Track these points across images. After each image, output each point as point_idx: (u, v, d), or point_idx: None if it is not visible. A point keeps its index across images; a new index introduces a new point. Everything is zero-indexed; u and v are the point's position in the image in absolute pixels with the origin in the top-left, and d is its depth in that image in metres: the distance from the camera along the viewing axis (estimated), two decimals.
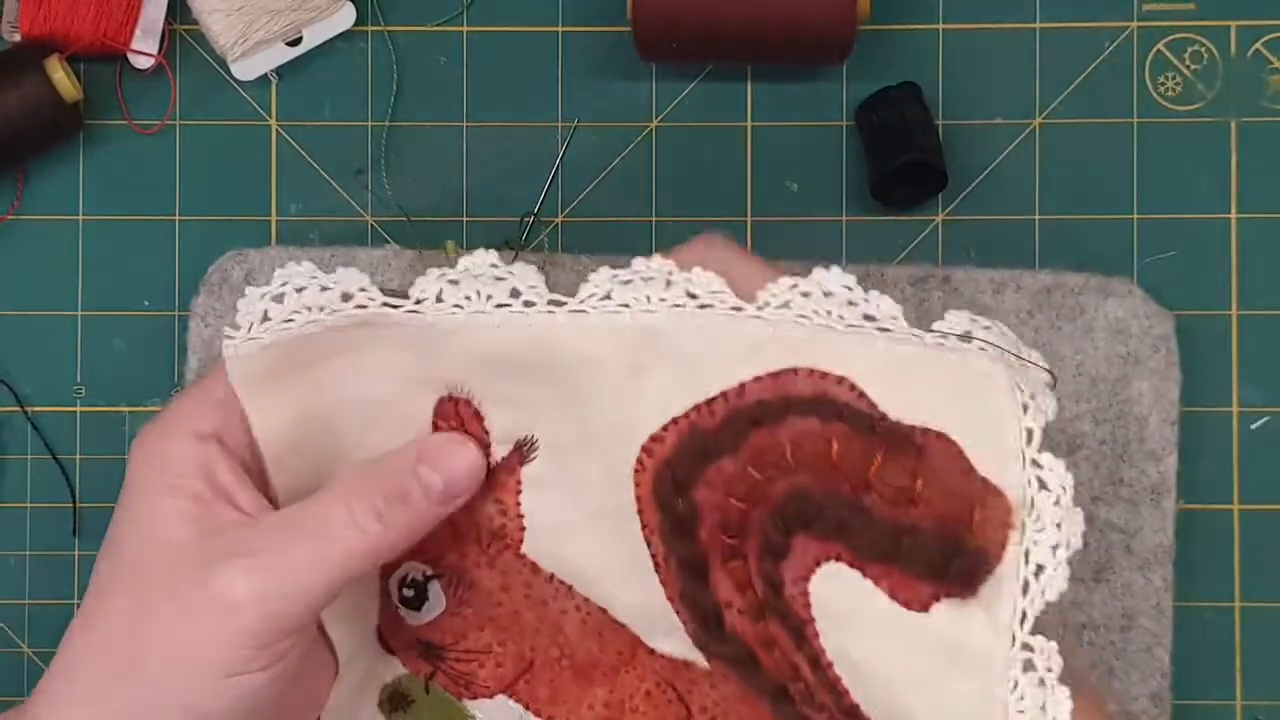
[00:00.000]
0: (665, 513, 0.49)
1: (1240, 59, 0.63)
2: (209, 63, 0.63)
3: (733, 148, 0.63)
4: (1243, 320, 0.62)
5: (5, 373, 0.63)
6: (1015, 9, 0.63)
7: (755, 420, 0.47)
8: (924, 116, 0.61)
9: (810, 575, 0.48)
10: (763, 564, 0.48)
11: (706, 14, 0.59)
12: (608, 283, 0.48)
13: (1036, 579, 0.45)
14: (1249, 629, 0.62)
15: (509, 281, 0.49)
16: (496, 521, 0.52)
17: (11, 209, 0.63)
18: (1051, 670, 0.46)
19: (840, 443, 0.46)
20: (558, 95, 0.63)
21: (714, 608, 0.50)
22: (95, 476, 0.62)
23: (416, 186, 0.63)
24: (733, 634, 0.50)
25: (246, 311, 0.49)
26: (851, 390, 0.47)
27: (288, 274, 0.49)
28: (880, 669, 0.48)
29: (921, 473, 0.46)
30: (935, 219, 0.62)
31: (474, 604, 0.53)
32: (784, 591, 0.48)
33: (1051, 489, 0.46)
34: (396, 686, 0.55)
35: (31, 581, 0.62)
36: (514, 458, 0.51)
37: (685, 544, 0.49)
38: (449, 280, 0.49)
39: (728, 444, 0.48)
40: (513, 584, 0.53)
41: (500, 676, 0.54)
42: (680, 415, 0.48)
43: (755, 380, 0.47)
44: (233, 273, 0.61)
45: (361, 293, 0.49)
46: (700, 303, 0.48)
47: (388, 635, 0.55)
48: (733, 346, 0.47)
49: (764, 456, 0.47)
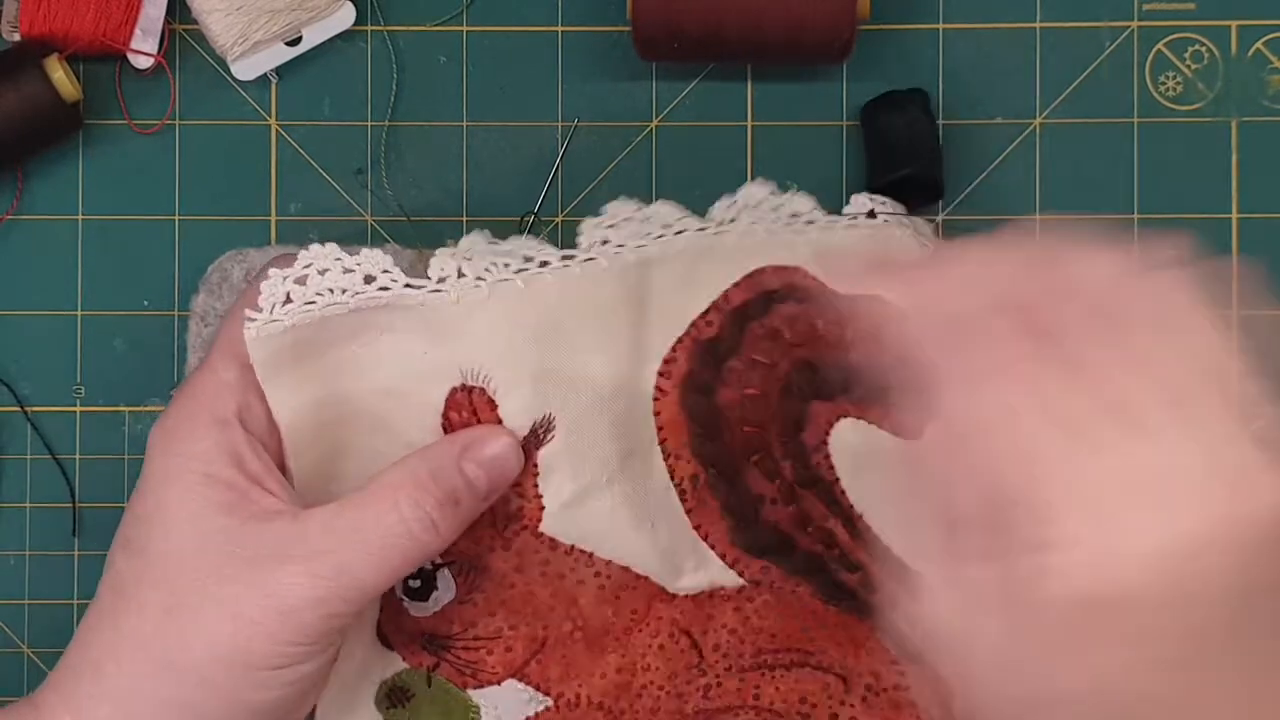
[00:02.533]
0: (694, 423, 0.53)
1: (1240, 59, 0.63)
2: (209, 62, 0.63)
3: (733, 148, 0.63)
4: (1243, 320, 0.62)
5: (5, 373, 0.63)
6: (1015, 9, 0.63)
7: (747, 318, 0.54)
8: (928, 126, 0.61)
9: (827, 437, 0.54)
10: (786, 443, 0.54)
11: (706, 14, 0.59)
12: (601, 230, 0.53)
13: None
14: None
15: (516, 249, 0.52)
16: (514, 504, 0.53)
17: (11, 209, 0.63)
18: None
19: (820, 317, 0.54)
20: (558, 95, 0.63)
21: (750, 505, 0.54)
22: (95, 476, 0.62)
23: (416, 186, 0.63)
24: (768, 525, 0.54)
25: (269, 293, 0.50)
26: (808, 277, 0.54)
27: (311, 255, 0.50)
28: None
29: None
30: (935, 219, 0.62)
31: (485, 589, 0.54)
32: (810, 460, 0.54)
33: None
34: (395, 682, 0.55)
35: (31, 581, 0.62)
36: (529, 442, 0.52)
37: (714, 448, 0.53)
38: (464, 258, 0.51)
39: (731, 345, 0.54)
40: (528, 564, 0.53)
41: (510, 661, 0.54)
42: (683, 334, 0.53)
43: (735, 286, 0.54)
44: (232, 272, 0.61)
45: (385, 274, 0.50)
46: (675, 229, 0.54)
47: (387, 630, 0.55)
48: (711, 261, 0.54)
49: (764, 344, 0.53)
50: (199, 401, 0.50)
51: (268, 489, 0.49)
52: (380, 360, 0.52)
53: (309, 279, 0.50)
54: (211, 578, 0.48)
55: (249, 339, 0.50)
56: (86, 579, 0.62)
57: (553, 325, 0.52)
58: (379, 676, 0.55)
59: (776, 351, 0.54)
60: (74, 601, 0.62)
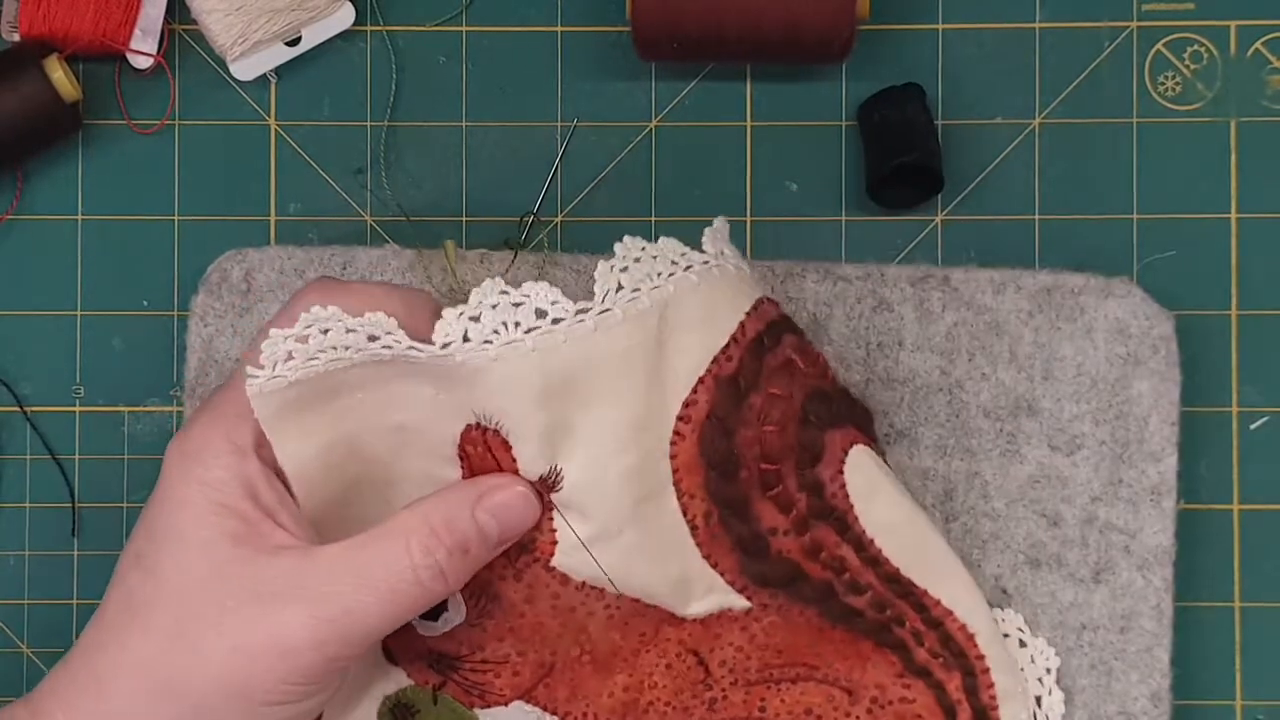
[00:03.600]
0: (710, 468, 0.52)
1: (1240, 59, 0.63)
2: (208, 63, 0.63)
3: (732, 148, 0.63)
4: (1243, 320, 0.62)
5: (4, 373, 0.63)
6: (1015, 9, 0.63)
7: (763, 349, 0.53)
8: (925, 119, 0.61)
9: (843, 466, 0.53)
10: (802, 475, 0.53)
11: (706, 14, 0.59)
12: (614, 275, 0.51)
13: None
14: (1249, 629, 0.62)
15: (529, 304, 0.49)
16: (526, 537, 0.52)
17: (11, 209, 0.63)
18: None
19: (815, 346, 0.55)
20: (557, 95, 0.63)
21: (762, 539, 0.53)
22: (94, 477, 0.62)
23: (416, 186, 0.63)
24: (778, 556, 0.53)
25: (270, 352, 0.49)
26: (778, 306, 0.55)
27: (313, 316, 0.49)
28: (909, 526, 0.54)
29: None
30: (935, 219, 0.62)
31: (495, 615, 0.53)
32: (825, 492, 0.53)
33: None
34: (400, 698, 0.55)
35: (31, 581, 0.62)
36: (542, 486, 0.51)
37: (730, 488, 0.52)
38: (470, 318, 0.49)
39: (751, 379, 0.52)
40: (538, 595, 0.53)
41: (518, 684, 0.54)
42: (704, 373, 0.52)
43: (749, 316, 0.53)
44: (232, 272, 0.61)
45: (388, 335, 0.49)
46: (684, 264, 0.52)
47: (394, 646, 0.55)
48: (723, 293, 0.52)
49: (780, 376, 0.53)
50: (217, 427, 0.50)
51: (280, 522, 0.49)
52: (390, 401, 0.51)
53: (310, 338, 0.49)
54: (217, 608, 0.48)
55: (251, 395, 0.49)
56: (86, 579, 0.62)
57: (564, 381, 0.50)
58: (382, 692, 0.55)
59: (792, 383, 0.53)
60: (74, 601, 0.62)
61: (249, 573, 0.48)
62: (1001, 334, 0.60)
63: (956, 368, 0.60)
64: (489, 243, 0.62)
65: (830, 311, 0.61)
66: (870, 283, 0.61)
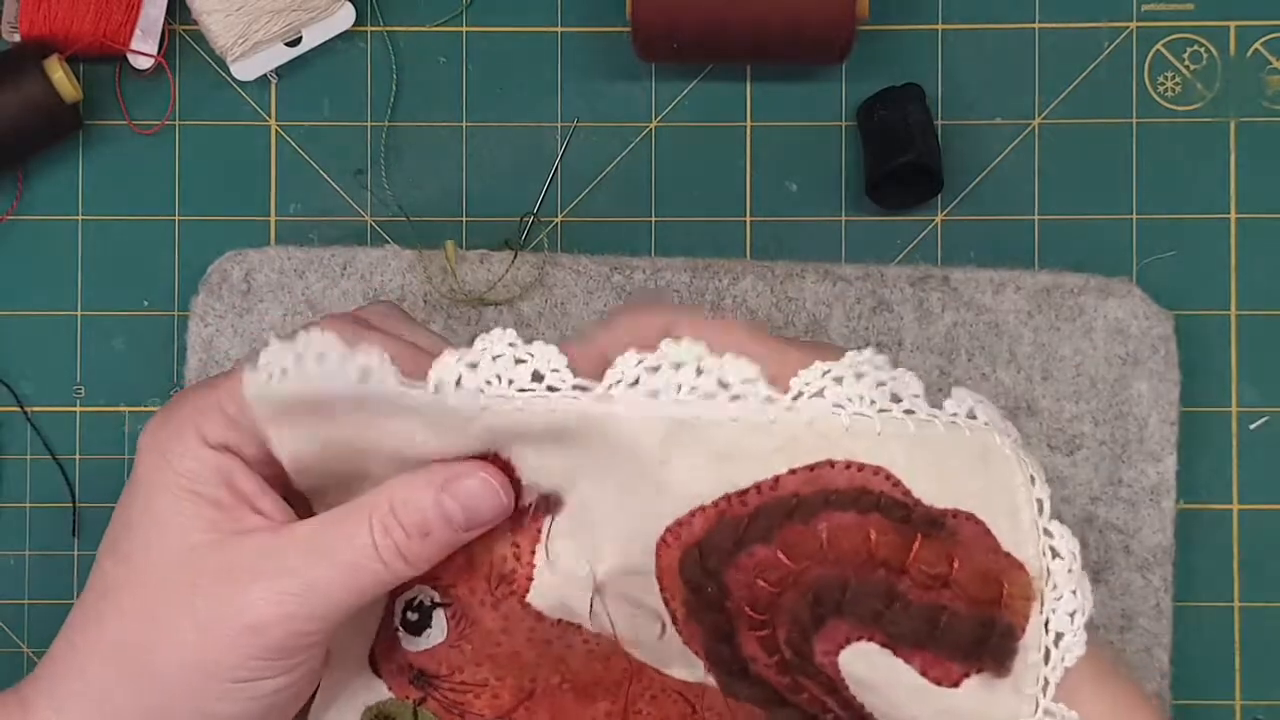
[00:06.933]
0: (690, 590, 0.48)
1: (1240, 59, 0.63)
2: (208, 63, 0.63)
3: (732, 148, 0.63)
4: (1242, 320, 0.62)
5: (5, 373, 0.63)
6: (1015, 9, 0.63)
7: (790, 512, 0.46)
8: (925, 119, 0.61)
9: (840, 650, 0.48)
10: (791, 638, 0.48)
11: (706, 14, 0.59)
12: (635, 368, 0.46)
13: (1056, 646, 0.46)
14: (1249, 629, 0.62)
15: (531, 363, 0.47)
16: (509, 565, 0.51)
17: (11, 209, 0.63)
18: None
19: (877, 533, 0.46)
20: (557, 95, 0.63)
21: (739, 662, 0.50)
22: (95, 477, 0.62)
23: (416, 187, 0.63)
24: (759, 680, 0.50)
25: (268, 360, 0.48)
26: (888, 480, 0.46)
27: (310, 340, 0.48)
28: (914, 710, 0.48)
29: (956, 555, 0.46)
30: (935, 219, 0.62)
31: (474, 641, 0.53)
32: (814, 659, 0.48)
33: (1063, 556, 0.46)
34: (381, 709, 0.55)
35: (31, 581, 0.62)
36: (541, 507, 0.50)
37: (710, 615, 0.49)
38: (468, 364, 0.47)
39: (760, 533, 0.47)
40: (514, 627, 0.52)
41: (498, 706, 0.53)
42: (709, 504, 0.47)
43: (791, 473, 0.46)
44: (232, 273, 0.61)
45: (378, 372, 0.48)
46: (732, 393, 0.46)
47: (380, 657, 0.55)
48: (766, 440, 0.46)
49: (798, 548, 0.47)
50: (189, 420, 0.50)
51: (257, 508, 0.49)
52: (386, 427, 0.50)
53: (305, 359, 0.48)
54: (188, 589, 0.48)
55: (249, 397, 0.49)
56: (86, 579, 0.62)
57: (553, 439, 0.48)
58: (364, 702, 0.55)
59: (809, 560, 0.47)
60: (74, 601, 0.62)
61: (220, 555, 0.49)
62: (1001, 334, 0.60)
63: (956, 368, 0.60)
64: (489, 243, 0.62)
65: (830, 311, 0.61)
66: (870, 283, 0.61)
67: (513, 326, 0.61)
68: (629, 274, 0.61)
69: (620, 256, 0.61)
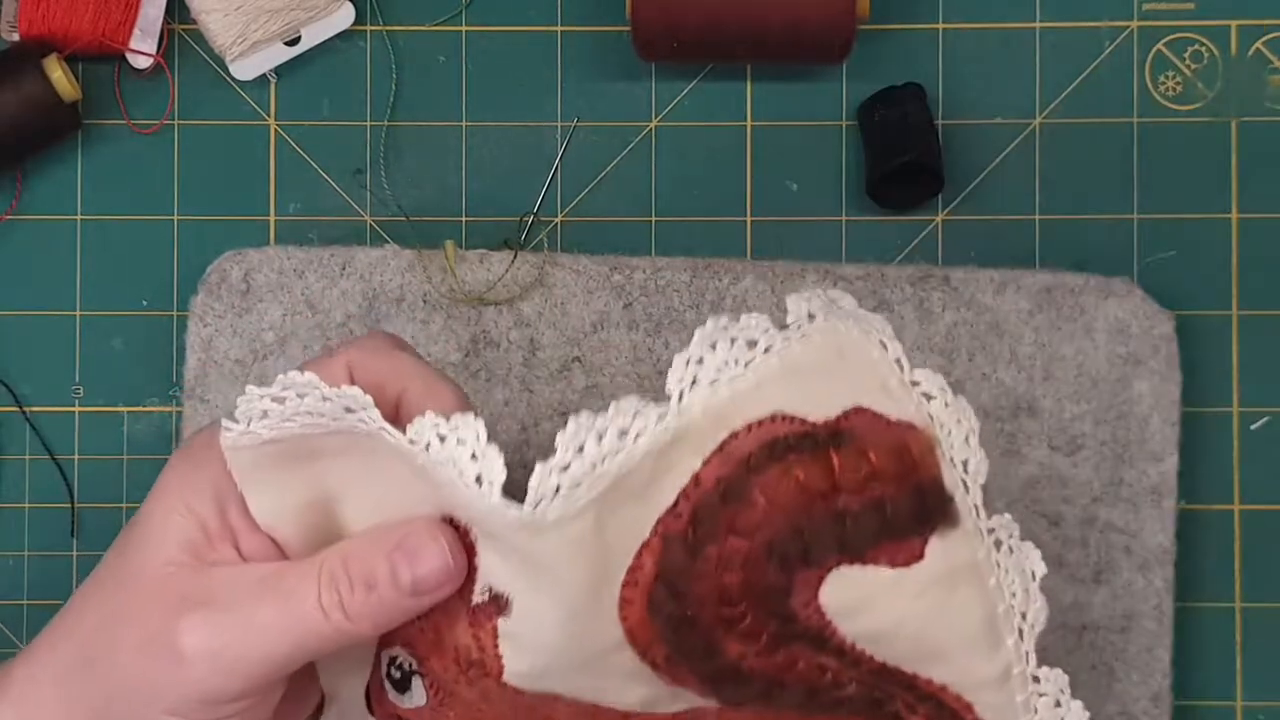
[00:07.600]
0: (664, 625, 0.48)
1: (1240, 59, 0.62)
2: (207, 62, 0.63)
3: (732, 148, 0.63)
4: (1243, 320, 0.62)
5: (4, 373, 0.63)
6: (1015, 9, 0.62)
7: (722, 499, 0.47)
8: (925, 118, 0.61)
9: (817, 593, 0.48)
10: (769, 607, 0.49)
11: (706, 14, 0.59)
12: (555, 476, 0.46)
13: (967, 471, 0.48)
14: (1249, 630, 0.62)
15: (485, 464, 0.46)
16: (474, 654, 0.50)
17: (10, 209, 0.63)
18: (1013, 536, 0.50)
19: (801, 470, 0.47)
20: (557, 95, 0.63)
21: (729, 668, 0.50)
22: (93, 477, 0.62)
23: (415, 186, 0.63)
24: (750, 676, 0.50)
25: (245, 408, 0.48)
26: (784, 420, 0.47)
27: (290, 380, 0.48)
28: (899, 629, 0.49)
29: (868, 449, 0.48)
30: (935, 219, 0.62)
31: (455, 709, 0.52)
32: (798, 618, 0.49)
33: (934, 395, 0.48)
34: None
35: (30, 582, 0.62)
36: (490, 607, 0.50)
37: (688, 639, 0.49)
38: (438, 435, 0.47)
39: (706, 534, 0.47)
40: (494, 700, 0.51)
41: None
42: (649, 536, 0.47)
43: (705, 465, 0.47)
44: (231, 273, 0.61)
45: (364, 410, 0.47)
46: (633, 434, 0.46)
47: (374, 700, 0.54)
48: (677, 448, 0.47)
49: (744, 525, 0.47)
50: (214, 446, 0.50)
51: (237, 544, 0.49)
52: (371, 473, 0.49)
53: (287, 400, 0.48)
54: (142, 604, 0.48)
55: (225, 448, 0.48)
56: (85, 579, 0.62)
57: (509, 546, 0.48)
58: None
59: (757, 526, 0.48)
60: None
61: (183, 579, 0.48)
62: (1002, 334, 0.60)
63: (957, 367, 0.60)
64: (489, 243, 0.62)
65: None
66: (870, 283, 0.61)
67: (513, 327, 0.61)
68: (629, 274, 0.61)
69: (620, 256, 0.61)
